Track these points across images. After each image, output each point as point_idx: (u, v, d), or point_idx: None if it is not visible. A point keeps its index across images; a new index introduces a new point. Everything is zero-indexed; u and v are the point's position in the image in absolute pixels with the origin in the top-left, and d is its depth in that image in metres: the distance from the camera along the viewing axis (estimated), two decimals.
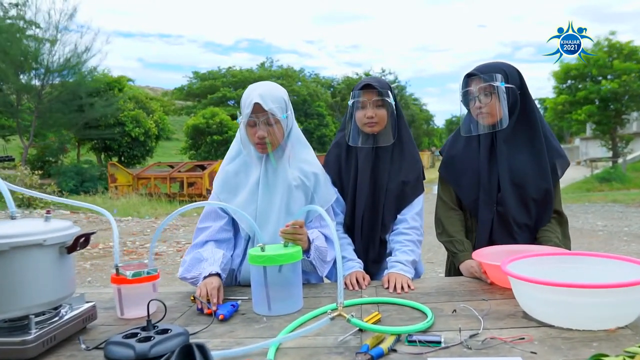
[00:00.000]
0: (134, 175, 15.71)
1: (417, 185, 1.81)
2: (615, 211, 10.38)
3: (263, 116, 1.56)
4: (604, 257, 1.31)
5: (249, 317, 1.35)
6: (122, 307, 1.38)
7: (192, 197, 14.35)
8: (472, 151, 1.84)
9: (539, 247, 1.62)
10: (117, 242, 1.37)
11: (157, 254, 6.89)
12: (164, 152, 29.19)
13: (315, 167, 1.72)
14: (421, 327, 1.16)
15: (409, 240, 1.74)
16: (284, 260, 1.36)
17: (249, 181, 1.67)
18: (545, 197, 1.77)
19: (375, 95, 1.72)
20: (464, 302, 1.38)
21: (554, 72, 20.35)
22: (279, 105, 1.59)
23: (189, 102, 35.34)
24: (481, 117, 1.73)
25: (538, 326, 1.15)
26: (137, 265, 1.43)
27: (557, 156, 1.81)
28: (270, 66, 36.69)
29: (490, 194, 1.76)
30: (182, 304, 1.50)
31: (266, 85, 1.63)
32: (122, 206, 12.49)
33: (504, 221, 1.76)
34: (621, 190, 15.02)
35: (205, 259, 1.55)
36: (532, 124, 1.78)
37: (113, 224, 1.36)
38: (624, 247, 6.39)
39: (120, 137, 19.59)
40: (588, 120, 19.87)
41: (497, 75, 1.70)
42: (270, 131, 1.58)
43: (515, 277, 1.17)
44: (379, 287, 1.60)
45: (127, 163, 20.38)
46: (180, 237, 8.51)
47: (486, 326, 1.17)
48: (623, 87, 17.92)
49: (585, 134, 25.46)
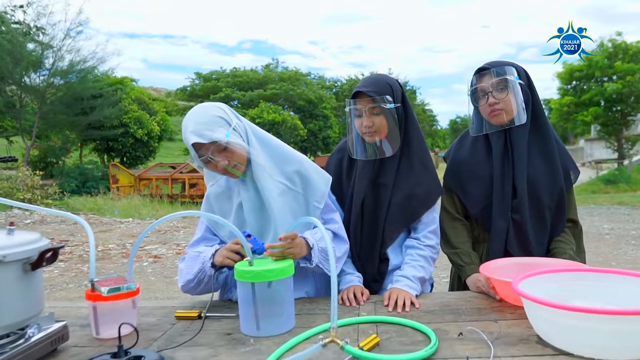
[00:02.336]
0: (136, 176, 15.64)
1: (427, 200, 1.63)
2: (621, 213, 10.21)
3: (209, 150, 1.40)
4: (628, 275, 1.18)
5: (235, 339, 1.23)
6: (98, 326, 1.27)
7: (193, 198, 14.26)
8: (479, 156, 1.71)
9: (552, 261, 1.50)
10: (94, 253, 1.25)
11: (156, 257, 6.79)
12: (166, 153, 29.18)
13: (296, 163, 1.55)
14: (424, 354, 1.04)
15: (421, 256, 1.59)
16: (273, 276, 1.24)
17: (234, 204, 1.54)
18: (559, 204, 1.66)
19: (370, 103, 1.55)
20: (471, 322, 1.26)
21: (558, 73, 20.17)
22: (216, 126, 1.40)
23: (192, 102, 35.31)
24: (495, 114, 1.60)
25: (555, 354, 1.03)
26: (115, 280, 1.32)
27: (570, 162, 1.71)
28: (276, 67, 36.53)
29: (505, 200, 1.64)
30: (165, 322, 1.39)
31: (195, 114, 1.43)
32: (123, 207, 12.43)
33: (520, 230, 1.63)
34: (627, 192, 14.82)
35: (201, 251, 1.47)
36: (543, 128, 1.68)
37: (90, 234, 1.25)
38: (632, 251, 6.23)
39: (123, 139, 19.54)
40: (594, 122, 19.68)
41: (511, 69, 1.59)
42: (228, 155, 1.42)
43: (529, 299, 1.05)
44: (378, 302, 1.48)
45: (130, 164, 20.33)
46: (180, 239, 8.41)
47: (497, 353, 1.05)
48: (628, 88, 17.72)
49: (590, 135, 25.25)
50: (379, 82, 1.61)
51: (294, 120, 25.11)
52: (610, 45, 18.50)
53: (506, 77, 1.57)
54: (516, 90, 1.59)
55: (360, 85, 1.60)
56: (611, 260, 5.64)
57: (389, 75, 1.71)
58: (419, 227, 1.65)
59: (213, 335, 1.26)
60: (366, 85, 1.59)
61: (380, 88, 1.57)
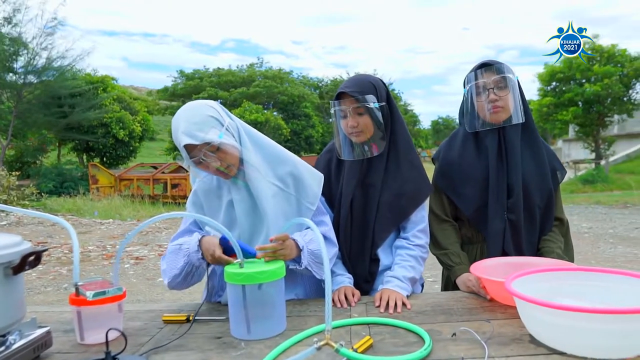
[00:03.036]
0: (116, 177, 15.36)
1: (416, 198, 1.62)
2: (599, 213, 10.44)
3: (201, 151, 1.36)
4: (618, 274, 1.19)
5: (225, 342, 1.20)
6: (82, 331, 1.23)
7: (175, 198, 14.07)
8: (470, 156, 1.71)
9: (542, 260, 1.51)
10: (77, 256, 1.21)
11: (138, 258, 6.68)
12: (147, 153, 28.74)
13: (289, 163, 1.53)
14: (419, 356, 1.03)
15: (411, 256, 1.58)
16: (264, 278, 1.22)
17: (223, 202, 1.50)
18: (548, 203, 1.68)
19: (354, 103, 1.54)
20: (463, 322, 1.25)
21: (538, 74, 20.51)
22: (209, 127, 1.36)
23: (174, 102, 34.86)
24: (495, 111, 1.61)
25: (548, 353, 1.04)
26: (99, 284, 1.28)
27: (556, 165, 1.74)
28: (260, 66, 36.35)
29: (501, 200, 1.64)
30: (152, 326, 1.35)
31: (186, 113, 1.40)
32: (103, 208, 12.19)
33: (515, 230, 1.64)
34: (604, 191, 15.17)
35: (181, 243, 1.42)
36: (532, 129, 1.70)
37: (73, 236, 1.21)
38: (610, 249, 6.37)
39: (104, 139, 19.17)
40: (573, 122, 20.08)
41: (510, 68, 1.61)
42: (221, 156, 1.38)
43: (524, 299, 1.05)
44: (369, 303, 1.47)
45: (110, 164, 19.96)
46: (162, 240, 8.29)
47: (490, 353, 1.05)
48: (605, 90, 18.15)
49: (568, 135, 25.76)
50: (362, 82, 1.60)
51: (278, 120, 25.02)
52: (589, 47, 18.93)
53: (507, 75, 1.58)
54: (515, 89, 1.61)
55: (344, 86, 1.59)
56: (590, 259, 5.76)
57: (372, 75, 1.70)
58: (408, 227, 1.64)
59: (202, 339, 1.23)
60: (349, 85, 1.58)
61: (363, 88, 1.56)
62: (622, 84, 18.41)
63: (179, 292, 4.97)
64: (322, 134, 31.16)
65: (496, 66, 1.60)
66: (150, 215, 11.89)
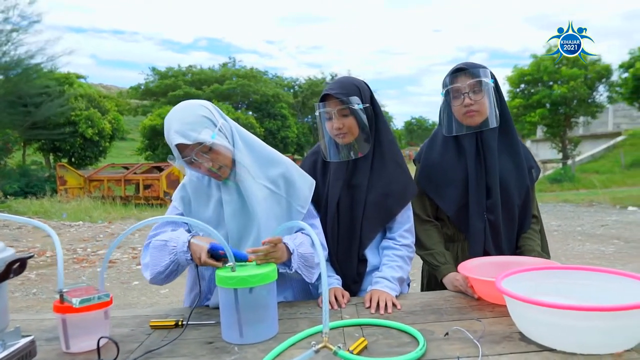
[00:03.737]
0: (86, 178, 14.92)
1: (402, 197, 1.63)
2: (567, 211, 10.79)
3: (193, 151, 1.35)
4: (602, 272, 1.23)
5: (218, 347, 1.19)
6: (68, 339, 1.18)
7: (148, 199, 13.79)
8: (451, 158, 1.73)
9: (526, 259, 1.55)
10: (61, 262, 1.17)
11: (111, 262, 6.51)
12: (118, 153, 28.05)
13: (281, 166, 1.53)
14: (415, 356, 1.04)
15: (398, 256, 1.60)
16: (257, 281, 1.21)
17: (212, 199, 1.48)
18: (525, 201, 1.72)
19: (339, 104, 1.54)
20: (454, 321, 1.27)
21: (508, 76, 21.07)
22: (202, 127, 1.36)
23: (146, 101, 34.13)
24: (469, 115, 1.63)
25: (539, 350, 1.06)
26: (85, 290, 1.24)
27: (531, 163, 1.78)
28: (233, 65, 35.99)
29: (480, 201, 1.67)
30: (140, 332, 1.32)
31: (179, 113, 1.39)
32: (72, 210, 11.82)
33: (495, 230, 1.67)
34: (571, 190, 15.70)
35: (167, 240, 1.37)
36: (509, 128, 1.72)
37: (56, 242, 1.17)
38: (579, 246, 6.60)
39: (71, 138, 18.59)
40: (540, 123, 20.71)
41: (486, 71, 1.62)
42: (213, 157, 1.38)
43: (515, 298, 1.07)
44: (359, 304, 1.47)
45: (78, 164, 19.39)
46: (135, 242, 8.10)
47: (483, 352, 1.07)
48: (572, 92, 18.79)
49: (536, 136, 26.55)
50: (346, 84, 1.60)
51: (249, 119, 24.82)
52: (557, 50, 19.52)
53: (482, 79, 1.60)
54: (490, 92, 1.63)
55: (328, 88, 1.59)
56: (560, 256, 5.94)
57: (356, 77, 1.71)
58: (394, 227, 1.65)
59: (194, 344, 1.21)
60: (333, 87, 1.58)
61: (347, 90, 1.57)
62: (586, 86, 19.10)
63: (156, 296, 4.87)
64: (297, 134, 31.11)
65: (471, 70, 1.62)
66: (121, 217, 11.59)
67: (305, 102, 35.67)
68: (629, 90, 18.81)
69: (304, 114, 36.06)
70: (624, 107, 24.73)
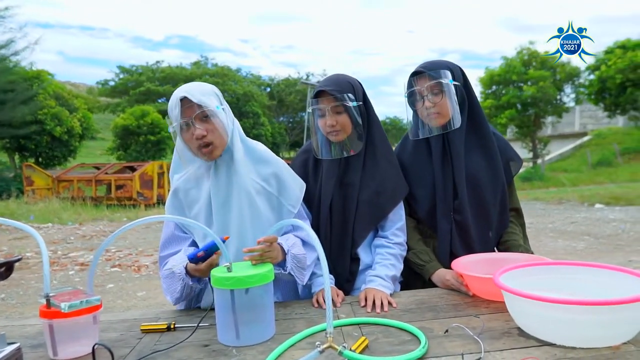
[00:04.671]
0: (54, 178, 14.43)
1: (394, 195, 1.63)
2: (538, 208, 11.09)
3: (194, 113, 1.35)
4: (596, 267, 1.26)
5: (215, 350, 1.15)
6: (55, 346, 1.13)
7: (121, 200, 13.46)
8: (421, 158, 1.72)
9: (517, 256, 1.57)
10: (47, 267, 1.12)
11: (83, 264, 6.31)
12: (87, 153, 27.26)
13: (273, 165, 1.52)
14: (418, 354, 1.03)
15: (391, 254, 1.59)
16: (254, 282, 1.18)
17: (202, 197, 1.46)
18: (502, 199, 1.70)
19: (333, 101, 1.53)
20: (452, 318, 1.28)
21: (480, 77, 21.54)
22: (209, 96, 1.39)
23: (116, 98, 33.28)
24: (431, 117, 1.60)
25: (539, 345, 1.07)
26: (71, 293, 1.18)
27: (510, 155, 1.75)
28: (205, 64, 35.48)
29: (447, 202, 1.65)
30: (130, 336, 1.27)
31: (191, 84, 1.45)
32: (40, 212, 11.42)
33: (462, 230, 1.65)
34: (541, 188, 16.15)
35: (172, 267, 1.38)
36: (480, 124, 1.69)
37: (42, 246, 1.11)
38: (551, 243, 6.78)
39: (38, 137, 17.95)
40: (509, 124, 21.26)
41: (446, 72, 1.58)
42: (209, 128, 1.36)
43: (516, 294, 1.08)
44: (354, 303, 1.46)
45: (46, 164, 18.75)
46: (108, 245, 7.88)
47: (485, 348, 1.07)
48: (541, 93, 19.36)
49: (507, 136, 27.28)
50: (340, 81, 1.59)
51: None
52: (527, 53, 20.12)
53: (440, 80, 1.57)
54: (451, 93, 1.58)
55: (322, 85, 1.57)
56: (535, 252, 6.09)
57: (349, 75, 1.70)
58: (387, 225, 1.65)
59: (189, 347, 1.17)
60: (328, 84, 1.56)
61: (341, 87, 1.56)
62: (555, 87, 19.70)
63: (132, 299, 4.74)
64: (272, 133, 30.95)
65: (428, 73, 1.59)
66: (93, 219, 11.25)
67: (281, 101, 35.53)
68: (594, 91, 19.52)
69: (279, 113, 35.90)
70: (589, 107, 25.67)
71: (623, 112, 20.35)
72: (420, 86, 1.61)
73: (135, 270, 5.89)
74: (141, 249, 7.16)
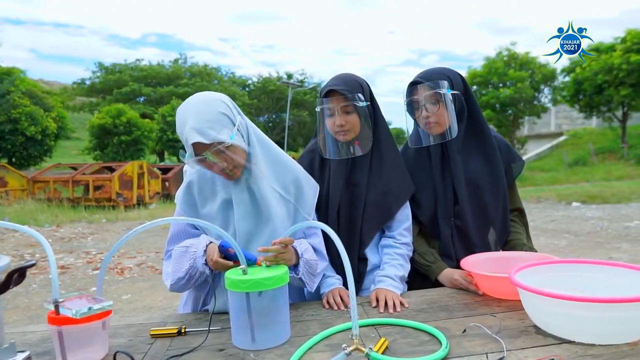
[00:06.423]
0: (29, 179, 14.02)
1: (400, 195, 1.62)
2: None
3: (210, 150, 1.27)
4: (607, 265, 1.27)
5: (231, 354, 1.13)
6: (65, 353, 1.08)
7: (99, 201, 13.16)
8: (423, 164, 1.73)
9: (525, 255, 1.58)
10: (55, 272, 1.07)
11: (64, 267, 6.14)
12: (63, 153, 26.59)
13: (292, 170, 1.49)
14: (441, 354, 1.03)
15: (399, 254, 1.59)
16: (270, 284, 1.16)
17: (217, 198, 1.41)
18: (504, 202, 1.72)
19: (343, 101, 1.52)
20: (466, 317, 1.28)
21: None
22: (220, 126, 1.28)
23: (93, 97, 32.50)
24: (429, 127, 1.63)
25: (559, 343, 1.08)
26: (80, 298, 1.14)
27: (511, 158, 1.77)
28: (184, 62, 34.93)
29: (447, 207, 1.67)
30: (140, 342, 1.23)
31: (197, 107, 1.30)
32: (14, 213, 11.07)
33: (463, 235, 1.67)
34: (520, 188, 16.46)
35: (188, 245, 1.32)
36: (480, 129, 1.71)
37: (48, 251, 1.07)
38: (534, 241, 6.90)
39: (12, 136, 17.42)
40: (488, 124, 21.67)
41: (443, 82, 1.60)
42: (228, 158, 1.30)
43: (536, 292, 1.09)
44: (365, 304, 1.45)
45: (20, 165, 18.22)
46: (89, 246, 7.70)
47: (506, 347, 1.07)
48: (519, 94, 19.77)
49: None
50: (349, 80, 1.58)
51: None
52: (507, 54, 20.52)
53: (437, 91, 1.58)
54: (448, 103, 1.60)
55: (332, 84, 1.56)
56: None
57: (356, 74, 1.69)
58: (394, 225, 1.64)
59: (204, 352, 1.14)
60: (338, 83, 1.55)
61: (351, 86, 1.55)
62: (532, 88, 20.14)
63: (118, 302, 4.63)
64: None
65: (426, 83, 1.60)
66: (71, 220, 10.97)
67: (261, 101, 35.31)
68: (570, 93, 20.02)
69: (259, 113, 35.68)
70: (565, 108, 26.32)
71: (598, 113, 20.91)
72: (418, 96, 1.62)
73: (118, 273, 5.76)
74: (124, 251, 7.01)
